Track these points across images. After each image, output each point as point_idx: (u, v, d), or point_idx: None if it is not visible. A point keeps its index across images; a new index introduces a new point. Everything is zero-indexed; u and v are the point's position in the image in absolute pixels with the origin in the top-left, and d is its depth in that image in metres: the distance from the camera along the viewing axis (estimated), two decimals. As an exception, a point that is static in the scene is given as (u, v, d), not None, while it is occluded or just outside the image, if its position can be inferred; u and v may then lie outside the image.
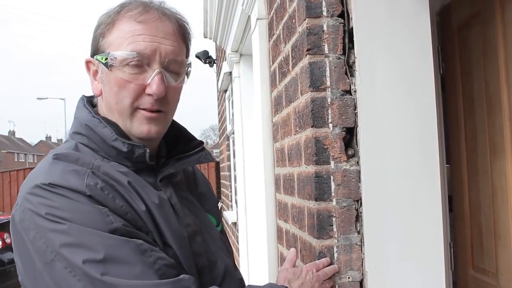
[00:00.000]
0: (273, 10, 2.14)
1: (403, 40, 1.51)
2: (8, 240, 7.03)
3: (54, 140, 77.34)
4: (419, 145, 1.49)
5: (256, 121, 2.43)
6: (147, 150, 1.15)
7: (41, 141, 74.76)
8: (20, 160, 58.49)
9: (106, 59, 1.14)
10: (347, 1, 1.53)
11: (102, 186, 1.06)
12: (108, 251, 0.98)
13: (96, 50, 1.17)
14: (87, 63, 1.20)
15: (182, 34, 1.21)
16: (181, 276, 1.04)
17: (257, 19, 2.36)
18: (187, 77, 1.23)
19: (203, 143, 1.32)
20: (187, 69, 1.22)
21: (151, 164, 1.19)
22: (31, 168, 10.29)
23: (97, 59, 1.16)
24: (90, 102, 1.24)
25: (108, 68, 1.14)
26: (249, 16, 2.72)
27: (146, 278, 0.98)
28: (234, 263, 1.38)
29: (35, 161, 61.01)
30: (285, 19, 1.87)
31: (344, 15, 1.53)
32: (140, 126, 1.16)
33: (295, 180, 1.77)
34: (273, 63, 2.19)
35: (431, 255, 1.50)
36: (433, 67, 1.52)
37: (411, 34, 1.51)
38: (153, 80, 1.14)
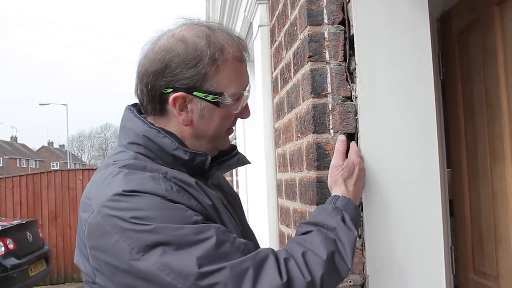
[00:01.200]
0: (275, 17, 2.17)
1: (403, 47, 1.53)
2: (11, 246, 7.02)
3: (56, 145, 77.48)
4: (419, 151, 1.51)
5: (258, 127, 2.45)
6: (209, 158, 1.25)
7: (43, 146, 74.82)
8: (22, 166, 58.56)
9: (215, 97, 1.21)
10: (347, 8, 1.56)
11: (177, 188, 1.13)
12: (195, 240, 1.04)
13: (193, 87, 1.20)
14: (176, 98, 1.21)
15: None
16: (260, 249, 1.12)
17: (259, 26, 2.38)
18: None
19: (236, 146, 1.40)
20: None
21: (203, 170, 1.26)
22: (34, 174, 10.32)
23: (197, 96, 1.21)
24: (138, 111, 1.29)
25: (217, 105, 1.22)
26: (251, 23, 2.75)
27: (232, 255, 1.05)
28: None
29: (37, 167, 61.11)
30: (286, 26, 1.90)
31: (345, 23, 1.55)
32: (226, 142, 1.32)
33: (297, 185, 1.79)
34: (275, 69, 2.22)
35: (431, 259, 1.51)
36: (432, 74, 1.54)
37: (411, 41, 1.53)
38: (245, 108, 1.29)
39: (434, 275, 1.51)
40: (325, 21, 1.55)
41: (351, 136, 1.53)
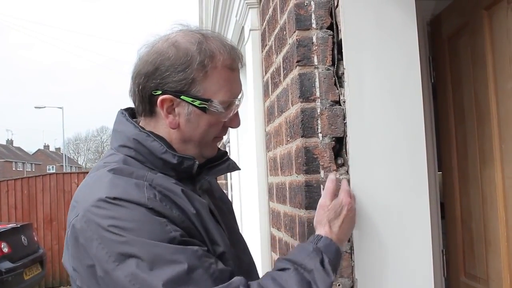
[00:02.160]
0: (266, 21, 2.18)
1: (391, 52, 1.54)
2: (5, 250, 6.99)
3: (52, 149, 77.23)
4: (407, 155, 1.52)
5: (250, 130, 2.46)
6: (196, 162, 1.25)
7: (39, 149, 74.58)
8: (18, 169, 58.37)
9: (202, 103, 1.22)
10: (336, 13, 1.56)
11: (160, 197, 1.14)
12: (167, 260, 1.05)
13: (181, 91, 1.22)
14: (164, 100, 1.23)
15: None
16: (233, 279, 1.10)
17: (250, 30, 2.39)
18: None
19: (227, 153, 1.41)
20: None
21: (192, 174, 1.27)
22: (29, 178, 10.30)
23: (184, 100, 1.23)
24: (130, 115, 1.31)
25: (203, 111, 1.23)
26: (242, 27, 2.76)
27: (203, 282, 1.05)
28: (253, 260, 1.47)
29: (33, 170, 60.91)
30: (276, 30, 1.90)
31: (333, 27, 1.56)
32: (213, 150, 1.32)
33: (287, 189, 1.80)
34: (266, 73, 2.23)
35: (420, 262, 1.52)
36: (420, 78, 1.55)
37: (398, 45, 1.54)
38: (236, 116, 1.30)
39: (422, 278, 1.52)
40: (314, 26, 1.56)
41: (340, 140, 1.54)
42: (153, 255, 1.05)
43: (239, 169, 1.45)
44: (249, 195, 2.80)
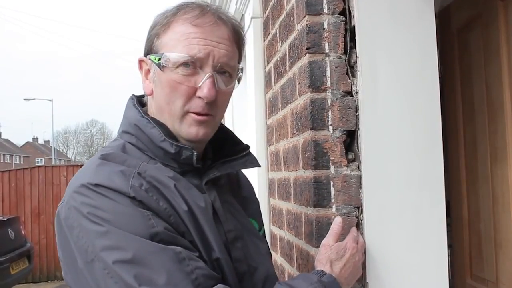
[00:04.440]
0: (269, 8, 2.07)
1: (407, 40, 1.45)
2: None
3: (41, 141, 76.75)
4: (423, 150, 1.43)
5: (249, 123, 2.36)
6: (195, 153, 1.16)
7: (27, 142, 74.04)
8: (6, 162, 57.87)
9: (159, 59, 1.15)
10: (348, -2, 1.46)
11: (147, 187, 1.06)
12: (145, 257, 0.98)
13: (149, 50, 1.18)
14: (140, 62, 1.20)
15: (237, 40, 1.22)
16: (217, 286, 1.02)
17: (252, 18, 2.29)
18: (238, 83, 1.25)
19: (249, 147, 1.31)
20: (239, 74, 1.24)
21: (197, 167, 1.18)
22: (17, 170, 10.12)
23: (150, 59, 1.17)
24: (139, 101, 1.25)
25: (160, 69, 1.15)
26: (243, 15, 2.66)
27: (183, 286, 0.98)
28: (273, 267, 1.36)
29: (22, 163, 60.45)
30: (282, 17, 1.80)
31: (345, 13, 1.46)
32: (189, 129, 1.17)
33: (291, 185, 1.70)
34: (268, 63, 2.12)
35: (434, 264, 1.44)
36: (437, 69, 1.45)
37: (415, 34, 1.45)
38: (204, 84, 1.14)
39: (436, 280, 1.43)
40: (325, 10, 1.46)
41: (351, 133, 1.44)
42: (132, 250, 0.98)
43: (259, 165, 1.34)
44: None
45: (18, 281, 7.65)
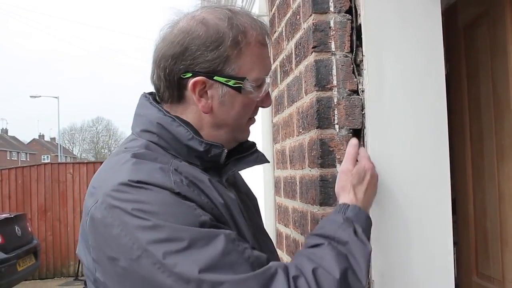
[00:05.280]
0: (275, 6, 2.07)
1: (413, 38, 1.44)
2: (-2, 240, 6.91)
3: (47, 138, 77.02)
4: (429, 148, 1.43)
5: (256, 121, 2.36)
6: (225, 150, 1.17)
7: (34, 139, 74.32)
8: (12, 159, 58.12)
9: (237, 83, 1.15)
10: (355, -4, 1.46)
11: (187, 182, 1.06)
12: (199, 244, 0.96)
13: (214, 71, 1.14)
14: (195, 83, 1.15)
15: None
16: (270, 263, 1.01)
17: (258, 16, 2.28)
18: None
19: (255, 144, 1.32)
20: None
21: (219, 164, 1.19)
22: (23, 167, 10.17)
23: (218, 81, 1.15)
24: (154, 99, 1.23)
25: (238, 91, 1.16)
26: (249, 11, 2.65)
27: (238, 267, 0.97)
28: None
29: (28, 160, 60.72)
30: (288, 15, 1.80)
31: (352, 11, 1.46)
32: (246, 133, 1.26)
33: (297, 183, 1.70)
34: (274, 61, 2.12)
35: (440, 262, 1.44)
36: (444, 67, 1.45)
37: (421, 32, 1.45)
38: (267, 96, 1.23)
39: (442, 279, 1.43)
40: (331, 9, 1.46)
41: (357, 132, 1.44)
42: (186, 240, 0.95)
43: (268, 161, 1.35)
44: (254, 189, 2.70)
45: (24, 277, 7.71)
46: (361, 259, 1.08)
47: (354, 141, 1.37)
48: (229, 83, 1.15)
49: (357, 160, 1.33)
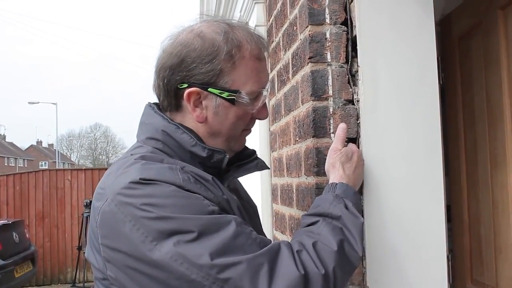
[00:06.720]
0: (273, 17, 2.11)
1: (407, 49, 1.47)
2: (-4, 246, 6.90)
3: (45, 144, 76.83)
4: (423, 157, 1.46)
5: (253, 129, 2.39)
6: (227, 156, 1.22)
7: (31, 145, 74.14)
8: (10, 165, 57.99)
9: (230, 95, 1.19)
10: (350, 8, 1.50)
11: (194, 180, 1.11)
12: (209, 231, 1.01)
13: (208, 83, 1.19)
14: (189, 94, 1.19)
15: None
16: (274, 242, 1.08)
17: (256, 26, 2.33)
18: None
19: (255, 151, 1.37)
20: None
21: (220, 171, 1.24)
22: (21, 173, 10.16)
23: (212, 92, 1.19)
24: (158, 108, 1.28)
25: (232, 103, 1.20)
26: (247, 23, 2.69)
27: (248, 247, 1.02)
28: None
29: (26, 166, 60.57)
30: (285, 26, 1.84)
31: (347, 23, 1.50)
32: (241, 143, 1.30)
33: (294, 191, 1.73)
34: (271, 70, 2.16)
35: (433, 268, 1.46)
36: (437, 78, 1.48)
37: (415, 43, 1.48)
38: (264, 108, 1.27)
39: (437, 285, 1.45)
40: (327, 21, 1.49)
41: (352, 141, 1.47)
42: (195, 228, 1.00)
43: (268, 168, 1.41)
44: (251, 196, 2.72)
45: (22, 284, 7.68)
46: (354, 230, 1.16)
47: (343, 125, 1.43)
48: (222, 95, 1.19)
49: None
